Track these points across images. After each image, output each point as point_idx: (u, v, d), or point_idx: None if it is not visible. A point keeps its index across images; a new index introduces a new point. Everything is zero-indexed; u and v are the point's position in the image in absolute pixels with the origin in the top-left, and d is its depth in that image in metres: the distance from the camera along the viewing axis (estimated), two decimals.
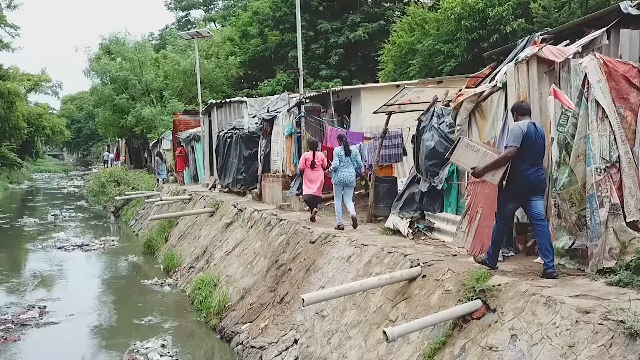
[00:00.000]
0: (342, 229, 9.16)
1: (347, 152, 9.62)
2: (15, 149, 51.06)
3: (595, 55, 5.38)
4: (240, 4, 42.88)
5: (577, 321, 4.40)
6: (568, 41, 7.12)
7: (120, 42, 36.71)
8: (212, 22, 45.55)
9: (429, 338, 5.56)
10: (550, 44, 6.68)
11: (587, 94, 5.36)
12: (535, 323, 4.68)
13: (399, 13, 26.29)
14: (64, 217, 25.35)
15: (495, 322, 5.03)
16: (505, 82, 6.52)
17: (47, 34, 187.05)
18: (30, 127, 50.37)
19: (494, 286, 5.30)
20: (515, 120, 5.85)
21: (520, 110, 5.84)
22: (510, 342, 4.76)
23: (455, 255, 6.79)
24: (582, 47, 6.46)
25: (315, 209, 10.38)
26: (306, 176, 10.53)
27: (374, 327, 6.35)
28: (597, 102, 5.30)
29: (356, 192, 12.44)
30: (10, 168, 47.96)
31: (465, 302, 5.39)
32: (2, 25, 33.30)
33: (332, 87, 17.63)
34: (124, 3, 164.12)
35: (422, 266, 6.34)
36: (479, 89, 7.14)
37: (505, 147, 5.68)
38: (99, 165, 60.63)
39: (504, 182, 5.63)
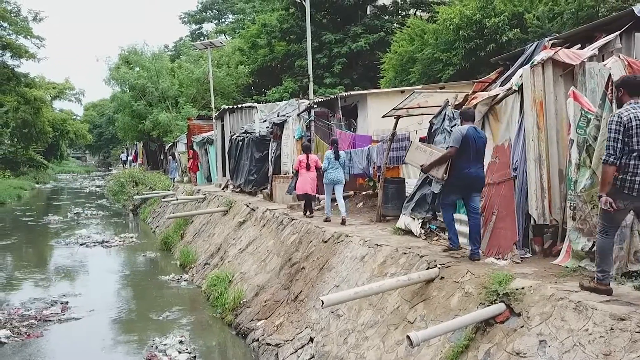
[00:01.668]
0: (329, 221, 9.59)
1: (337, 156, 9.97)
2: (42, 152, 50.78)
3: (619, 57, 4.86)
4: (249, 18, 42.38)
5: (612, 328, 3.89)
6: (579, 45, 6.63)
7: (138, 53, 36.39)
8: (223, 34, 45.05)
9: (451, 341, 5.04)
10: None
11: (612, 96, 4.85)
12: (565, 329, 4.17)
13: (398, 25, 25.83)
14: (86, 215, 24.87)
15: (521, 326, 4.51)
16: (521, 84, 6.01)
17: (71, 46, 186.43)
18: (55, 132, 50.15)
19: (517, 289, 4.78)
20: (460, 124, 6.20)
21: (465, 116, 6.19)
22: (539, 349, 4.24)
23: None
24: (597, 50, 5.96)
25: (309, 206, 10.67)
26: (300, 176, 10.59)
27: (392, 328, 5.84)
28: None
29: (364, 193, 11.98)
30: (36, 169, 47.69)
31: (488, 305, 4.88)
32: (28, 36, 32.73)
33: (337, 93, 17.14)
34: (142, 17, 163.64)
35: (439, 267, 5.82)
36: (493, 92, 6.62)
37: (446, 148, 6.16)
38: (118, 166, 60.25)
39: (445, 176, 6.07)
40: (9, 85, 33.28)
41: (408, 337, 4.53)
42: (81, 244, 16.97)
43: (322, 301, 5.31)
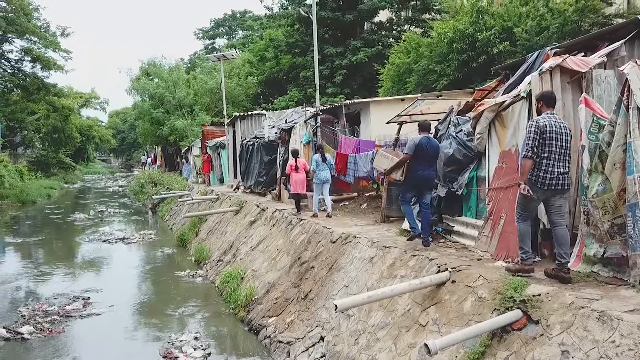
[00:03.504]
0: (317, 216, 9.92)
1: (323, 159, 10.31)
2: (70, 154, 50.38)
3: (636, 62, 4.34)
4: (257, 34, 41.88)
5: None
6: (583, 54, 6.09)
7: (157, 65, 36.09)
8: (234, 48, 44.51)
9: (465, 346, 4.51)
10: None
11: (628, 102, 4.33)
12: (589, 340, 3.65)
13: (394, 40, 25.33)
14: (109, 212, 24.33)
15: (541, 335, 3.99)
16: (530, 91, 5.48)
17: (96, 60, 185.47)
18: (82, 137, 49.80)
19: (534, 296, 4.26)
20: (419, 134, 6.60)
21: (422, 127, 6.65)
22: (561, 359, 3.72)
23: (480, 259, 5.71)
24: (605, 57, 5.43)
25: (300, 203, 10.73)
26: (292, 178, 10.75)
27: (403, 330, 5.31)
28: (639, 110, 4.26)
29: (367, 195, 11.45)
30: (65, 170, 47.26)
31: (504, 311, 4.36)
32: (56, 50, 32.20)
33: (338, 102, 16.62)
34: (161, 34, 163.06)
35: (450, 271, 5.30)
36: (499, 99, 6.09)
37: (404, 154, 6.56)
38: (139, 168, 59.72)
39: (402, 178, 6.55)
40: (39, 95, 32.77)
41: (426, 345, 4.01)
42: (104, 241, 16.45)
43: (336, 305, 4.79)
